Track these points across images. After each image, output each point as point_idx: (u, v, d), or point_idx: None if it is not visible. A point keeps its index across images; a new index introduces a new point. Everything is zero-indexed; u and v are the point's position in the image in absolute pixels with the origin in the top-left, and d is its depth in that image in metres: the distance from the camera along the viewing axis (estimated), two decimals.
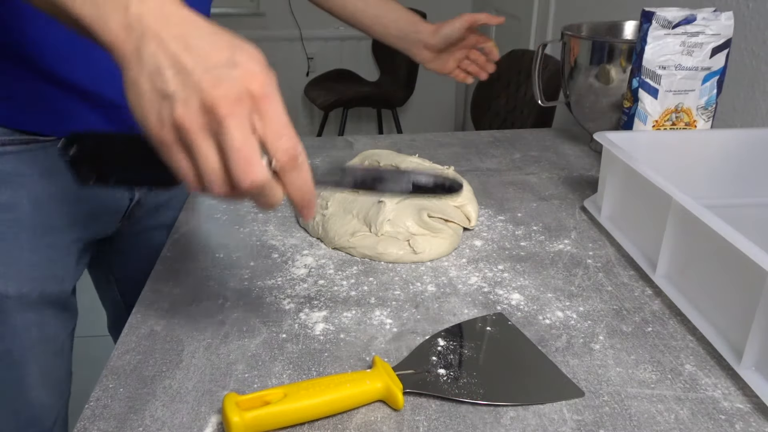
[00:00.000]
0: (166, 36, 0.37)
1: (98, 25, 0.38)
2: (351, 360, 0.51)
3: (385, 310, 0.57)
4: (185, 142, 0.37)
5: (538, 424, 0.44)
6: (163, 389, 0.47)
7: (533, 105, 1.59)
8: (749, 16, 1.02)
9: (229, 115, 0.36)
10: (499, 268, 0.64)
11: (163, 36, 0.37)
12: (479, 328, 0.54)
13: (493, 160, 0.96)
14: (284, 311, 0.57)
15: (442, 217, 0.68)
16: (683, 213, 0.56)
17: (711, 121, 0.85)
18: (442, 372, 0.48)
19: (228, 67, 0.37)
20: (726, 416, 0.44)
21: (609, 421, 0.44)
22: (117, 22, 0.38)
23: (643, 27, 0.81)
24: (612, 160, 0.71)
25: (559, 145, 1.04)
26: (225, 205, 0.80)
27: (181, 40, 0.37)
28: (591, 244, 0.69)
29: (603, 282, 0.61)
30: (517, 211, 0.78)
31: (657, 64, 0.81)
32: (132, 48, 0.37)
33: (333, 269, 0.64)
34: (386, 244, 0.65)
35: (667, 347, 0.52)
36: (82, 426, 0.44)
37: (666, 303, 0.58)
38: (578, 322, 0.55)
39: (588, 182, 0.86)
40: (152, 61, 0.37)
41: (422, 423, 0.44)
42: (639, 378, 0.48)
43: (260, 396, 0.43)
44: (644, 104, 0.83)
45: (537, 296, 0.59)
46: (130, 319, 0.56)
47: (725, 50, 0.81)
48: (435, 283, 0.62)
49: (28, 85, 0.60)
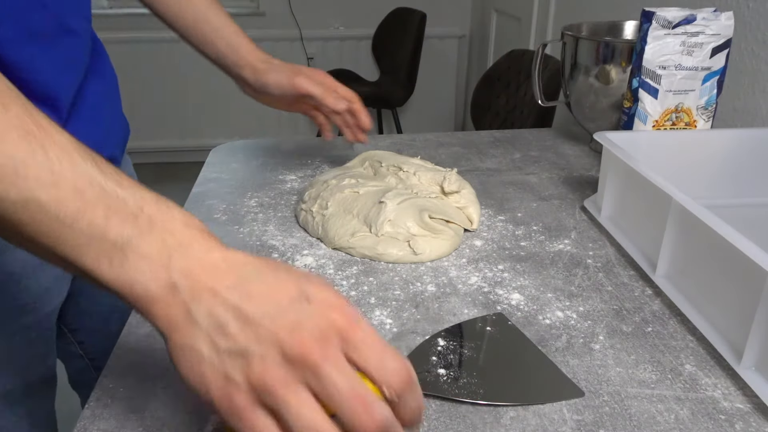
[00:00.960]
0: (220, 287, 0.32)
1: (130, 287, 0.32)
2: None
3: (385, 310, 0.57)
4: (269, 403, 0.31)
5: (538, 424, 0.44)
6: (163, 389, 0.47)
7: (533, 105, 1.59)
8: (749, 16, 1.02)
9: (324, 359, 0.31)
10: (499, 268, 0.64)
11: (217, 288, 0.32)
12: (479, 328, 0.54)
13: (493, 160, 0.96)
14: None
15: (444, 218, 0.68)
16: (683, 213, 0.56)
17: (711, 121, 0.85)
18: (442, 372, 0.48)
19: (300, 303, 0.32)
20: (726, 416, 0.44)
21: (609, 421, 0.44)
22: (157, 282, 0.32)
23: (643, 27, 0.81)
24: (612, 160, 0.71)
25: (559, 145, 1.04)
26: (225, 205, 0.80)
27: (238, 290, 0.32)
28: (591, 244, 0.69)
29: (603, 282, 0.61)
30: (517, 211, 0.78)
31: (657, 64, 0.81)
32: (179, 309, 0.32)
33: (333, 269, 0.64)
34: (386, 245, 0.65)
35: (667, 347, 0.52)
36: (82, 426, 0.44)
37: (666, 303, 0.58)
38: (578, 322, 0.55)
39: (588, 182, 0.86)
40: (209, 321, 0.32)
41: (422, 423, 0.44)
42: (639, 378, 0.48)
43: None
44: (644, 104, 0.83)
45: (537, 296, 0.59)
46: (130, 319, 0.56)
47: (725, 50, 0.81)
48: (435, 283, 0.62)
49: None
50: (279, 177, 0.89)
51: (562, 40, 1.01)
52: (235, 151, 1.01)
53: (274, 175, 0.90)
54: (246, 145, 1.04)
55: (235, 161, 0.96)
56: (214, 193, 0.84)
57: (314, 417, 0.30)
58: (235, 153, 1.00)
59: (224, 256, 0.33)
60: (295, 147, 1.02)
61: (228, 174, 0.91)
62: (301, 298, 0.32)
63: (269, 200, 0.81)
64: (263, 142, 1.05)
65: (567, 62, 1.00)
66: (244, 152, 1.01)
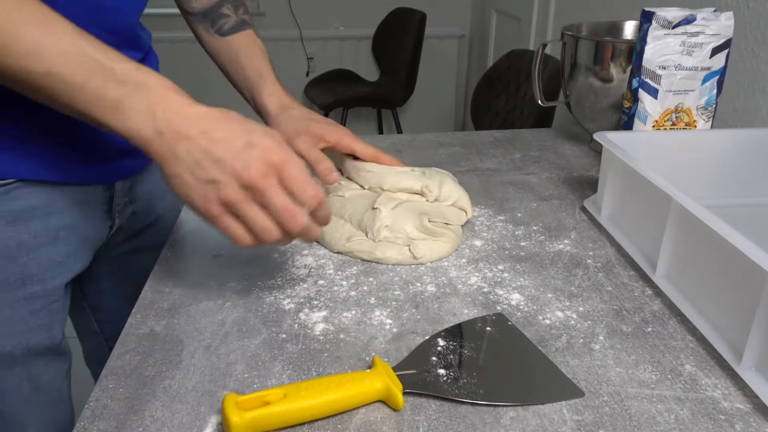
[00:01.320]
0: (193, 134, 0.46)
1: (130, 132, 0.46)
2: (351, 360, 0.51)
3: (385, 310, 0.57)
4: (234, 212, 0.48)
5: (538, 424, 0.44)
6: (162, 389, 0.47)
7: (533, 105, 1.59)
8: (749, 16, 1.02)
9: (267, 188, 0.47)
10: (499, 268, 0.64)
11: (191, 134, 0.46)
12: (479, 328, 0.54)
13: (493, 160, 0.96)
14: (284, 311, 0.57)
15: (442, 221, 0.67)
16: (683, 213, 0.56)
17: (711, 121, 0.85)
18: (442, 372, 0.48)
19: (249, 148, 0.47)
20: (726, 416, 0.44)
21: (609, 421, 0.44)
22: (148, 129, 0.45)
23: (643, 27, 0.81)
24: (612, 160, 0.71)
25: (559, 145, 1.04)
26: None
27: (205, 135, 0.46)
28: (591, 244, 0.69)
29: (603, 282, 0.61)
30: (517, 211, 0.78)
31: (657, 64, 0.81)
32: (167, 148, 0.46)
33: (333, 269, 0.64)
34: (385, 249, 0.64)
35: (667, 347, 0.52)
36: (81, 426, 0.44)
37: (666, 303, 0.58)
38: (578, 322, 0.55)
39: (588, 182, 0.86)
40: (189, 158, 0.46)
41: (422, 423, 0.44)
42: (639, 378, 0.48)
43: (260, 396, 0.43)
44: (644, 104, 0.83)
45: (537, 296, 0.59)
46: (130, 319, 0.56)
47: (725, 50, 0.81)
48: (435, 283, 0.62)
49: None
50: None
51: (562, 40, 1.01)
52: None
53: None
54: None
55: None
56: None
57: (263, 218, 0.48)
58: None
59: (193, 109, 0.47)
60: None
61: None
62: (249, 144, 0.47)
63: None
64: None
65: (567, 62, 1.00)
66: None
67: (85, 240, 0.66)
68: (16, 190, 0.58)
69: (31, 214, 0.59)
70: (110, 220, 0.70)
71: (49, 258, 0.62)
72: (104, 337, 0.84)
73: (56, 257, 0.63)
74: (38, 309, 0.63)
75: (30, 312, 0.62)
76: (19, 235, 0.59)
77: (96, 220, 0.67)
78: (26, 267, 0.60)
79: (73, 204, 0.63)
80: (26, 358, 0.64)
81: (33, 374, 0.65)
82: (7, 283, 0.60)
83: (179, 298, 0.59)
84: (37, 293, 0.62)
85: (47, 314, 0.64)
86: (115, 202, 0.70)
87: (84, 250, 0.67)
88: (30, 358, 0.64)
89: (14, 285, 0.60)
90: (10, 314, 0.61)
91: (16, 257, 0.59)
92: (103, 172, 0.66)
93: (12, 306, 0.60)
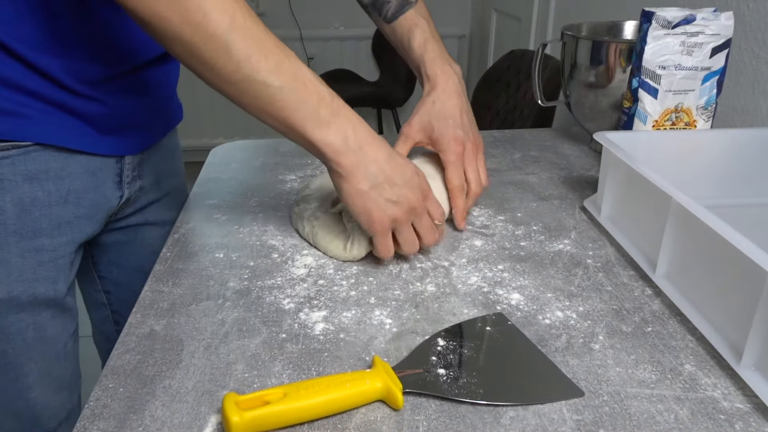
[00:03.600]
0: (379, 158, 0.58)
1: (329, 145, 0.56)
2: (351, 360, 0.51)
3: (385, 309, 0.57)
4: (396, 227, 0.60)
5: (538, 424, 0.44)
6: (162, 389, 0.47)
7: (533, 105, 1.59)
8: (749, 16, 1.02)
9: (422, 212, 0.61)
10: (498, 268, 0.64)
11: (378, 159, 0.58)
12: (479, 328, 0.54)
13: (493, 160, 0.96)
14: (284, 311, 0.57)
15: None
16: (683, 213, 0.56)
17: (711, 121, 0.85)
18: (442, 372, 0.48)
19: (414, 177, 0.60)
20: (726, 416, 0.44)
21: (609, 421, 0.44)
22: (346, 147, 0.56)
23: (643, 27, 0.81)
24: (612, 160, 0.71)
25: (559, 145, 1.04)
26: (225, 205, 0.80)
27: (387, 162, 0.58)
28: (591, 244, 0.69)
29: (603, 282, 0.61)
30: (517, 211, 0.78)
31: (657, 64, 0.81)
32: (354, 165, 0.57)
33: (333, 269, 0.64)
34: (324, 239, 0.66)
35: (667, 347, 0.52)
36: (81, 426, 0.44)
37: (666, 303, 0.58)
38: (578, 322, 0.55)
39: (588, 182, 0.86)
40: (374, 178, 0.57)
41: (422, 423, 0.44)
42: (639, 378, 0.48)
43: (260, 396, 0.43)
44: (644, 104, 0.83)
45: (537, 296, 0.59)
46: (130, 319, 0.56)
47: (725, 50, 0.81)
48: (435, 283, 0.62)
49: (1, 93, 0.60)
50: (279, 177, 0.89)
51: (562, 40, 1.01)
52: (235, 151, 1.01)
53: (274, 175, 0.90)
54: (246, 145, 1.04)
55: (235, 161, 0.96)
56: (214, 193, 0.84)
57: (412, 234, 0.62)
58: (235, 153, 1.00)
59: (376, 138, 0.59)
60: (295, 147, 1.01)
61: (228, 174, 0.91)
62: (414, 174, 0.60)
63: (269, 200, 0.81)
64: (263, 142, 1.05)
65: (567, 62, 1.00)
66: (244, 152, 1.01)
67: (95, 206, 0.71)
68: (35, 152, 0.63)
69: (46, 175, 0.64)
70: (120, 191, 0.74)
71: (58, 216, 0.67)
72: (110, 309, 0.89)
73: (65, 217, 0.68)
74: (45, 261, 0.67)
75: (38, 263, 0.66)
76: (33, 192, 0.64)
77: (106, 188, 0.72)
78: (38, 221, 0.65)
79: (85, 171, 0.68)
80: (32, 306, 0.67)
81: (38, 324, 0.69)
82: (20, 233, 0.64)
83: (179, 298, 0.59)
84: (45, 246, 0.67)
85: (53, 267, 0.68)
86: (124, 174, 0.74)
87: (94, 216, 0.71)
88: (36, 308, 0.68)
89: (26, 235, 0.65)
90: (21, 262, 0.65)
91: (31, 211, 0.64)
92: (114, 144, 0.71)
93: (23, 254, 0.65)
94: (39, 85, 0.61)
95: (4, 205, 0.63)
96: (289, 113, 0.55)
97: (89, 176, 0.69)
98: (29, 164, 0.63)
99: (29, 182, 0.64)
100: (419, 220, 0.61)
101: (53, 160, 0.65)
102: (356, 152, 0.56)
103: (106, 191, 0.72)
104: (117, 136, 0.70)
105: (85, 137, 0.67)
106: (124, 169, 0.74)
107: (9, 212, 0.63)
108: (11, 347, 0.68)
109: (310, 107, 0.55)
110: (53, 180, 0.65)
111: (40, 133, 0.63)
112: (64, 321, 0.72)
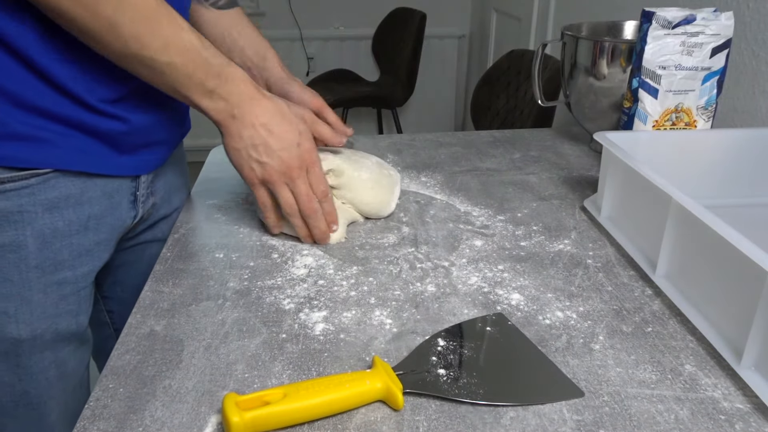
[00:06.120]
0: (257, 123, 0.63)
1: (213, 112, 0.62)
2: (351, 360, 0.51)
3: (385, 310, 0.57)
4: (268, 186, 0.65)
5: (538, 424, 0.44)
6: (163, 389, 0.47)
7: (533, 105, 1.59)
8: (749, 16, 1.02)
9: (298, 177, 0.65)
10: (499, 268, 0.64)
11: (255, 124, 0.63)
12: (479, 328, 0.54)
13: (493, 160, 0.96)
14: (284, 311, 0.57)
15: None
16: (683, 213, 0.56)
17: (711, 121, 0.85)
18: (442, 372, 0.48)
19: (296, 147, 0.64)
20: (726, 416, 0.44)
21: (609, 421, 0.44)
22: (225, 112, 0.62)
23: (643, 27, 0.81)
24: (612, 160, 0.71)
25: (559, 145, 1.04)
26: (225, 205, 0.80)
27: (265, 128, 0.63)
28: (591, 244, 0.69)
29: (603, 282, 0.61)
30: (517, 211, 0.78)
31: (657, 64, 0.81)
32: (235, 129, 0.63)
33: (333, 269, 0.64)
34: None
35: (667, 347, 0.52)
36: (81, 426, 0.44)
37: (666, 303, 0.58)
38: (578, 322, 0.55)
39: (588, 182, 0.86)
40: (249, 141, 0.63)
41: (422, 423, 0.44)
42: (639, 378, 0.48)
43: (260, 396, 0.43)
44: (644, 104, 0.83)
45: (537, 296, 0.59)
46: (130, 319, 0.56)
47: (725, 50, 0.81)
48: (435, 283, 0.62)
49: (16, 118, 0.58)
50: None
51: (562, 40, 1.01)
52: None
53: None
54: None
55: None
56: (214, 193, 0.84)
57: (289, 195, 0.66)
58: None
59: (262, 103, 0.63)
60: None
61: (228, 174, 0.91)
62: (296, 142, 0.64)
63: None
64: None
65: (567, 62, 1.00)
66: None
67: (112, 230, 0.70)
68: (54, 179, 0.61)
69: (66, 203, 0.63)
70: (134, 210, 0.73)
71: (79, 245, 0.65)
72: (113, 328, 0.87)
73: (86, 245, 0.66)
74: (68, 294, 0.66)
75: (60, 297, 0.65)
76: (54, 222, 0.63)
77: (122, 210, 0.70)
78: (59, 253, 0.64)
79: (103, 195, 0.67)
80: (55, 342, 0.66)
81: (60, 360, 0.68)
82: (41, 268, 0.63)
83: (179, 298, 0.59)
84: (68, 279, 0.65)
85: (75, 300, 0.67)
86: (139, 192, 0.72)
87: (111, 241, 0.70)
88: (58, 343, 0.67)
89: (47, 270, 0.63)
90: (43, 298, 0.64)
91: (52, 243, 0.63)
92: (132, 164, 0.69)
93: (45, 290, 0.64)
94: (57, 103, 0.59)
95: (24, 239, 0.60)
96: (179, 86, 0.60)
97: (107, 199, 0.67)
98: (49, 192, 0.61)
99: (49, 212, 0.62)
100: (294, 185, 0.65)
101: (72, 186, 0.63)
102: (235, 117, 0.62)
103: (121, 213, 0.70)
104: (135, 155, 0.69)
105: (104, 159, 0.65)
106: (139, 188, 0.72)
107: (30, 247, 0.61)
108: (33, 387, 0.66)
109: (196, 79, 0.59)
110: (73, 207, 0.63)
111: (60, 159, 0.61)
112: (83, 353, 0.71)
